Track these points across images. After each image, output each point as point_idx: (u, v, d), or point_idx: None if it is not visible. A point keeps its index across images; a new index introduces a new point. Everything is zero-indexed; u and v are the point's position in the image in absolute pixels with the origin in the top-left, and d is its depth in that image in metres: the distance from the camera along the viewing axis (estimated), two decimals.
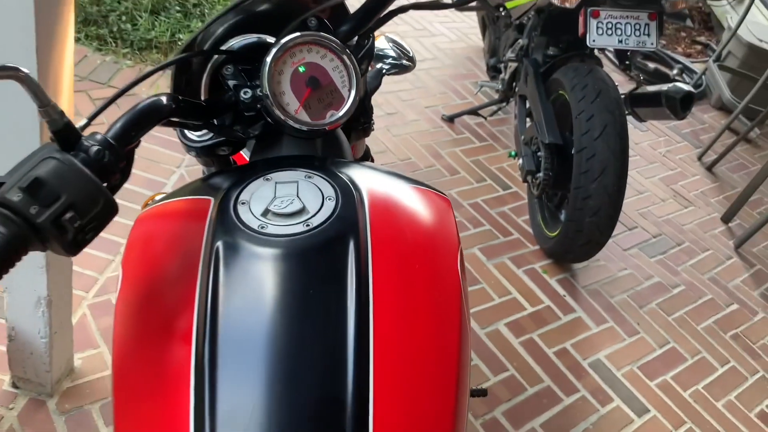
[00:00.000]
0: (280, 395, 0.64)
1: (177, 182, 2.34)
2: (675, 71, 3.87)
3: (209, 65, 0.92)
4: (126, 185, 0.75)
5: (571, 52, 2.39)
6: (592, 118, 2.11)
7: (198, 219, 0.79)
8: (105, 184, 0.66)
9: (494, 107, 3.06)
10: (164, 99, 0.77)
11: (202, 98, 0.93)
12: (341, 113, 0.88)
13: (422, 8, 1.00)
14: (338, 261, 0.73)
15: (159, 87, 2.63)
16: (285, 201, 0.77)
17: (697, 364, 2.30)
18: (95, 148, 0.66)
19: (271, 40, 0.92)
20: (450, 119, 3.16)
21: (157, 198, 0.93)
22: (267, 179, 0.81)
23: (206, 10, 3.26)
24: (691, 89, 2.14)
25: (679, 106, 2.15)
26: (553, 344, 2.20)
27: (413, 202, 0.85)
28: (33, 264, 1.35)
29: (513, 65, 2.67)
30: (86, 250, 0.67)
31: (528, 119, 2.53)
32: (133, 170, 0.75)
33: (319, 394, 0.65)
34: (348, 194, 0.79)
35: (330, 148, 0.96)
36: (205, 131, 0.96)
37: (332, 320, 0.68)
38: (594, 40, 2.10)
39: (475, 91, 3.36)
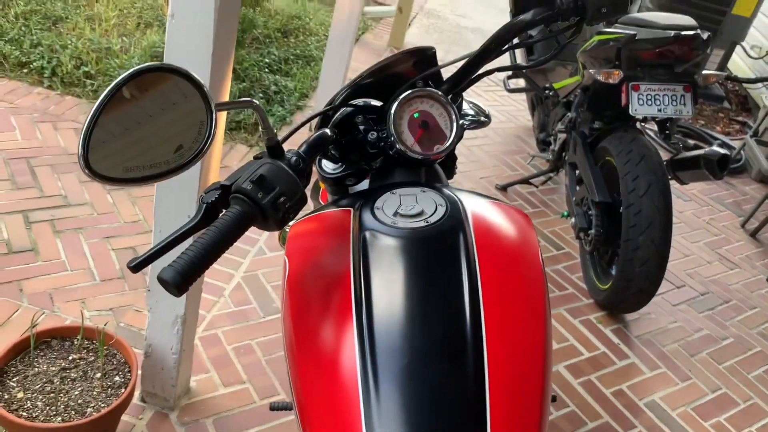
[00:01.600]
0: (419, 337, 0.89)
1: (257, 253, 2.65)
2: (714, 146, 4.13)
3: (339, 117, 1.23)
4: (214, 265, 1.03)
5: (615, 123, 2.68)
6: (638, 179, 2.38)
7: (343, 221, 1.08)
8: (303, 184, 0.96)
9: (544, 177, 3.34)
10: (328, 132, 1.08)
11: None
12: (445, 146, 1.17)
13: (504, 70, 1.30)
14: (452, 247, 1.00)
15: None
16: (408, 206, 1.06)
17: (749, 408, 2.43)
18: (294, 159, 0.97)
19: (376, 102, 1.22)
20: (503, 188, 3.45)
21: (299, 216, 1.22)
22: (393, 193, 1.10)
23: (284, 97, 3.69)
24: (726, 152, 2.39)
25: (717, 167, 2.40)
26: (610, 385, 2.38)
27: (502, 211, 1.12)
28: None
29: (562, 137, 2.97)
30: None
31: (578, 186, 2.79)
32: None
33: (446, 335, 0.90)
34: (453, 202, 1.07)
35: (431, 177, 1.25)
36: (338, 165, 1.26)
37: (451, 287, 0.94)
38: (636, 110, 2.40)
39: (526, 163, 3.66)
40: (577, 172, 2.78)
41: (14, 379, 1.55)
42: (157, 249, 0.86)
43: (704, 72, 2.43)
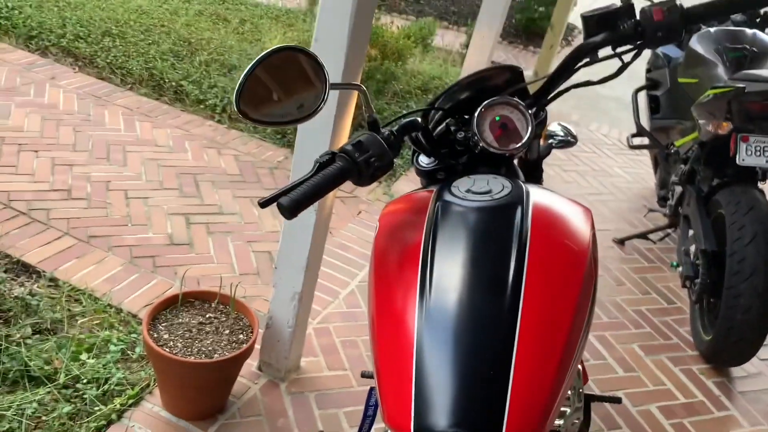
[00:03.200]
0: (469, 280, 1.10)
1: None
2: None
3: (435, 115, 1.50)
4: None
5: (731, 178, 2.72)
6: (744, 227, 2.41)
7: (427, 197, 1.33)
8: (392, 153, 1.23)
9: (662, 233, 3.38)
10: (418, 120, 1.35)
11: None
12: (519, 144, 1.40)
13: (586, 85, 1.51)
14: (509, 218, 1.21)
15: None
16: (480, 185, 1.29)
17: None
18: (387, 133, 1.25)
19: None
20: (621, 242, 3.52)
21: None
22: (470, 177, 1.34)
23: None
24: None
25: None
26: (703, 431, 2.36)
27: (564, 202, 1.31)
28: (297, 265, 1.96)
29: (678, 190, 3.03)
30: (316, 293, 1.21)
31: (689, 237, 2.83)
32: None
33: (492, 282, 1.10)
34: (518, 186, 1.28)
35: (510, 174, 1.47)
36: (432, 160, 1.52)
37: (503, 249, 1.14)
38: (743, 159, 2.45)
39: (642, 216, 3.70)
40: (690, 224, 2.83)
41: (162, 324, 1.92)
42: (281, 191, 1.15)
43: None
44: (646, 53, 3.77)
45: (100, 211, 2.88)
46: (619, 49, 1.40)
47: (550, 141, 1.78)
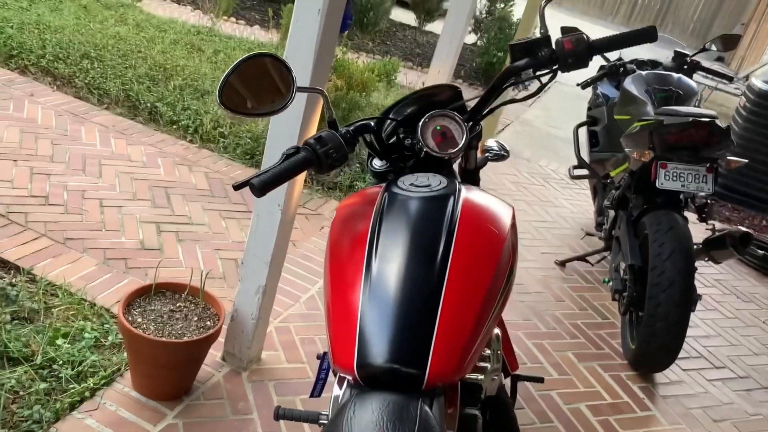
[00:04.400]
0: (406, 253, 1.34)
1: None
2: None
3: (388, 126, 1.75)
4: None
5: (656, 203, 3.03)
6: (664, 245, 2.71)
7: (377, 191, 1.57)
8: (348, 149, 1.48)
9: (598, 256, 3.68)
10: (371, 123, 1.61)
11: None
12: (455, 149, 1.65)
13: (512, 102, 1.79)
14: (443, 206, 1.46)
15: None
16: (421, 180, 1.54)
17: None
18: (344, 131, 1.50)
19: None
20: (562, 264, 3.81)
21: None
22: (413, 174, 1.59)
23: None
24: (749, 231, 2.69)
25: (739, 243, 2.70)
26: (627, 428, 2.61)
27: (490, 197, 1.57)
28: (262, 260, 2.18)
29: (611, 214, 3.34)
30: (278, 296, 1.48)
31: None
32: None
33: (425, 252, 1.34)
34: (453, 183, 1.54)
35: (449, 175, 1.73)
36: (384, 163, 1.77)
37: (437, 228, 1.39)
38: (662, 183, 2.77)
39: (579, 238, 4.01)
40: (620, 244, 3.13)
41: (137, 310, 2.11)
42: (253, 176, 1.38)
43: (728, 157, 2.79)
44: (587, 93, 4.14)
45: (76, 216, 3.05)
46: (538, 72, 1.68)
47: (487, 154, 2.06)
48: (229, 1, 6.99)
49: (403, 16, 9.87)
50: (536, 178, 5.13)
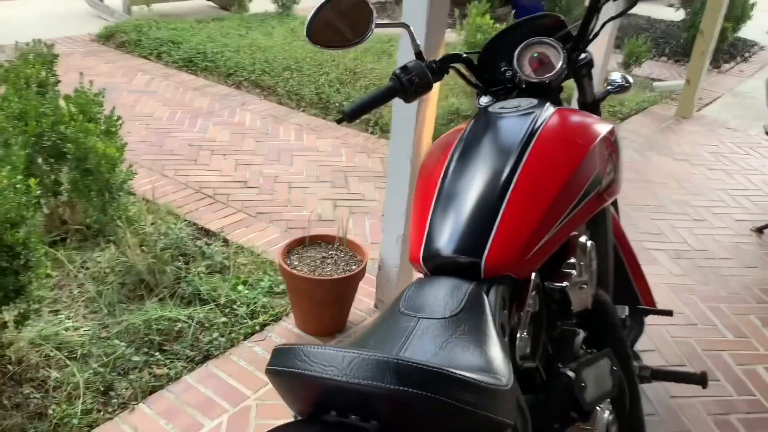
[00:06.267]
0: (481, 158, 1.43)
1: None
2: None
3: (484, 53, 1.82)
4: None
5: None
6: None
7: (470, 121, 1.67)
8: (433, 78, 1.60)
9: None
10: (462, 54, 1.71)
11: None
12: (552, 73, 1.69)
13: (619, 17, 1.77)
14: (527, 120, 1.52)
15: None
16: (512, 104, 1.61)
17: None
18: (430, 61, 1.63)
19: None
20: (759, 230, 3.45)
21: None
22: (507, 99, 1.66)
23: None
24: None
25: None
26: None
27: (587, 115, 1.58)
28: (398, 211, 2.36)
29: None
30: None
31: None
32: None
33: (500, 152, 1.42)
34: (543, 103, 1.58)
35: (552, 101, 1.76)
36: (489, 99, 1.85)
37: (512, 139, 1.45)
38: None
39: None
40: None
41: (294, 256, 2.42)
42: (355, 106, 1.57)
43: None
44: None
45: (268, 196, 3.52)
46: None
47: (608, 87, 2.03)
48: None
49: None
50: (742, 148, 4.67)
